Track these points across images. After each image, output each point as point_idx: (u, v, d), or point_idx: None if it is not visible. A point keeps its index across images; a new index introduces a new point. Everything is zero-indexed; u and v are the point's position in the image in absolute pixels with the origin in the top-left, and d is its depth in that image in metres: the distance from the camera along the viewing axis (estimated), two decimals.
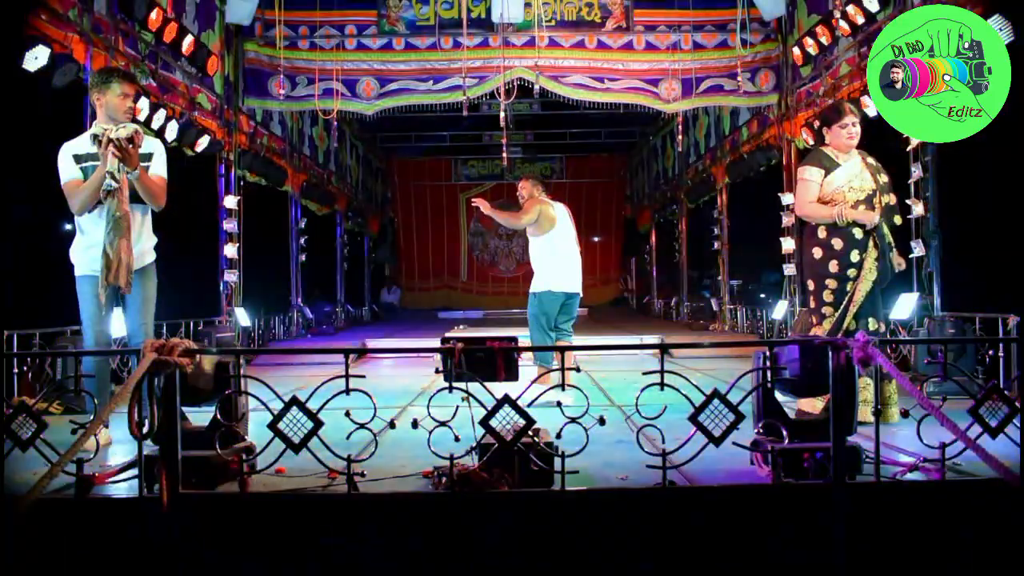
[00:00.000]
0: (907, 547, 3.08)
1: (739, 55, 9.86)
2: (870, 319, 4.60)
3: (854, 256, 4.54)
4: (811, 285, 4.69)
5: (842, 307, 4.57)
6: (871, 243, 4.55)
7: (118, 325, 4.36)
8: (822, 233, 4.61)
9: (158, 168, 4.27)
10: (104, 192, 4.03)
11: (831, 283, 4.58)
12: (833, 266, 4.56)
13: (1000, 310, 5.98)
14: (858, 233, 4.54)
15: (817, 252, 4.62)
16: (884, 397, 4.33)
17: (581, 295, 6.34)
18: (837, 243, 4.56)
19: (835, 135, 4.64)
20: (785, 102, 9.99)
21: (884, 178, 4.67)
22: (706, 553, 3.08)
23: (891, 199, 4.67)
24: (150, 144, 4.30)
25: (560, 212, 6.29)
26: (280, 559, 3.05)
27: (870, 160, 4.70)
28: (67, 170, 4.14)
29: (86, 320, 4.20)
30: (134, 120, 4.39)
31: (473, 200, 6.41)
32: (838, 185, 4.57)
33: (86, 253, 4.18)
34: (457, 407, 3.20)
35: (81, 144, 4.17)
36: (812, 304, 4.69)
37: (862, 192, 4.55)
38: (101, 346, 4.16)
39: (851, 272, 4.55)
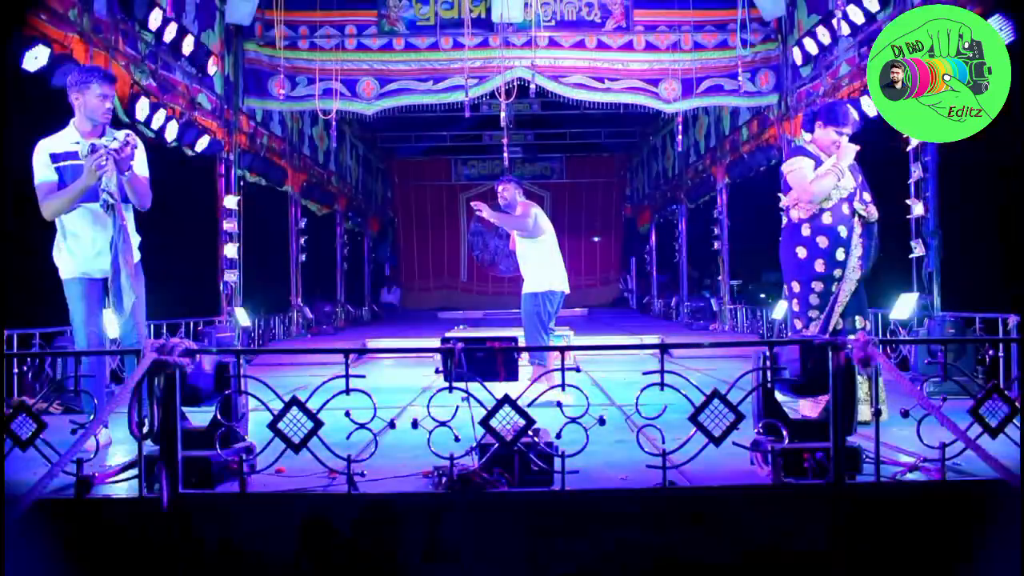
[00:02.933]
0: (907, 547, 3.08)
1: (739, 55, 9.85)
2: (856, 317, 4.50)
3: (839, 255, 4.41)
4: (796, 287, 4.53)
5: (828, 308, 4.44)
6: (855, 240, 4.44)
7: (111, 326, 4.33)
8: (805, 231, 4.45)
9: (140, 167, 4.14)
10: (104, 205, 3.95)
11: (817, 285, 4.45)
12: (819, 265, 4.42)
13: (1000, 310, 5.98)
14: (843, 231, 4.41)
15: (801, 252, 4.47)
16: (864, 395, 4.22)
17: None
18: (822, 241, 4.42)
19: (827, 135, 4.49)
20: (785, 102, 9.98)
21: (860, 177, 4.56)
22: (706, 553, 3.08)
23: (867, 197, 4.54)
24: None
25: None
26: (280, 559, 3.05)
27: None
28: (42, 171, 4.02)
29: (77, 323, 4.12)
30: (117, 122, 4.34)
31: (474, 204, 6.38)
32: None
33: (72, 256, 4.08)
34: (457, 407, 3.20)
35: (59, 142, 4.06)
36: (796, 307, 4.54)
37: (845, 191, 4.44)
38: (95, 347, 4.13)
39: (836, 272, 4.43)
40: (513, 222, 6.26)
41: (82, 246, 4.08)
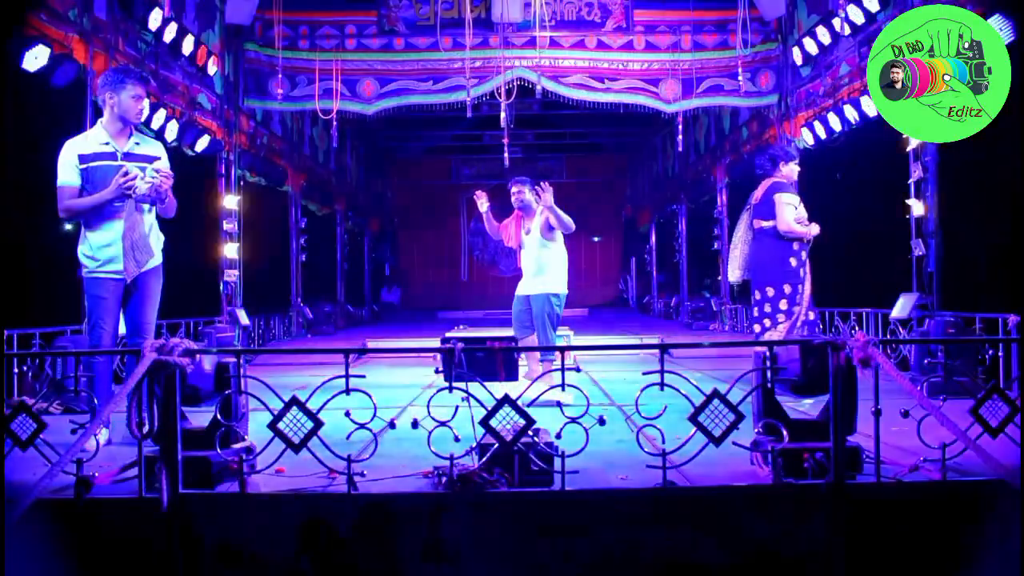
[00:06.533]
0: (907, 547, 3.08)
1: (739, 55, 9.85)
2: (810, 312, 5.58)
3: (807, 262, 5.59)
4: (770, 292, 5.53)
5: (798, 306, 5.51)
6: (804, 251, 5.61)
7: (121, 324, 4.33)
8: (795, 246, 5.51)
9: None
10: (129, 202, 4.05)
11: (792, 287, 5.48)
12: (800, 272, 5.52)
13: (1000, 310, 5.97)
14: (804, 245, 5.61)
15: (792, 262, 5.52)
16: None
17: None
18: (803, 254, 5.54)
19: (790, 171, 5.64)
20: (785, 102, 9.98)
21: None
22: (706, 553, 3.08)
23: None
24: (155, 148, 4.29)
25: None
26: (280, 559, 3.05)
27: None
28: (66, 173, 4.07)
29: (93, 319, 4.15)
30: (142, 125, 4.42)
31: (477, 197, 6.25)
32: (799, 209, 5.58)
33: (96, 253, 4.11)
34: (457, 407, 3.20)
35: (87, 143, 4.11)
36: (767, 309, 5.52)
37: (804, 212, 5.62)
38: (107, 346, 4.13)
39: (802, 273, 5.56)
40: (563, 218, 6.17)
41: (105, 244, 4.11)
